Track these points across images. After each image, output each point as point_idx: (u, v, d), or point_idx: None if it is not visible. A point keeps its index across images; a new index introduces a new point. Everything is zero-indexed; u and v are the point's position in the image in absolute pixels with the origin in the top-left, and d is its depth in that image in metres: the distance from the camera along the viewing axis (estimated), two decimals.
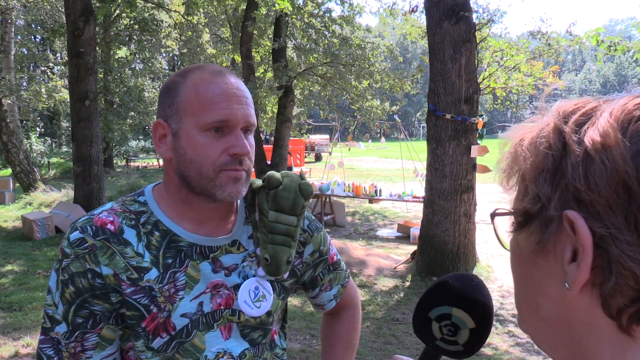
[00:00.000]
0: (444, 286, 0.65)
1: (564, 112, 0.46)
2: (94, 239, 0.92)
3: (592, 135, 0.42)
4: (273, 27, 11.63)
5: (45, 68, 19.27)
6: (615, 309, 0.41)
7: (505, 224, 0.51)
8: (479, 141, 5.94)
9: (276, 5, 8.65)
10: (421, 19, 10.27)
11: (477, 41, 5.97)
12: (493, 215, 0.52)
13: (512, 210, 0.49)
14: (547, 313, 0.47)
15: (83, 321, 0.92)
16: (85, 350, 0.93)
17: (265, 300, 1.02)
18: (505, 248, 0.52)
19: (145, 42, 16.07)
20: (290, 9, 9.15)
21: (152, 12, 15.43)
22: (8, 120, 12.01)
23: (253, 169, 1.01)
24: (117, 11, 14.53)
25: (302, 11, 10.63)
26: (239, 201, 1.07)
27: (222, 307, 0.99)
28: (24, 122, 18.55)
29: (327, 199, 9.58)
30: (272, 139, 14.47)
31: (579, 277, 0.41)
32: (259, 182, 1.08)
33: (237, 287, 1.00)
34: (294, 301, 5.15)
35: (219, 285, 0.99)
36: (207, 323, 0.98)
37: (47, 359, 0.93)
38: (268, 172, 1.07)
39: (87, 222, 0.94)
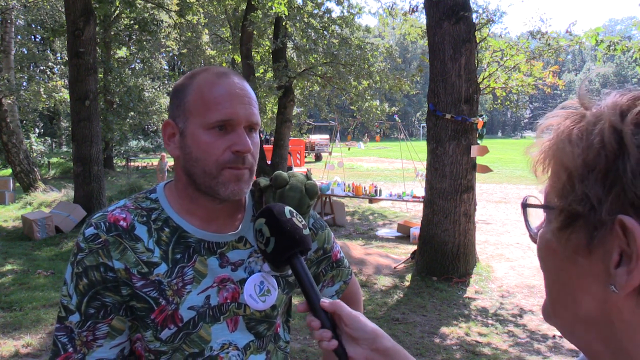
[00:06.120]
0: (269, 211, 0.93)
1: (620, 108, 0.42)
2: (107, 234, 0.97)
3: None
4: (273, 27, 11.63)
5: (45, 68, 19.25)
6: None
7: (539, 215, 0.48)
8: (479, 141, 5.94)
9: (273, 8, 8.66)
10: (421, 19, 10.27)
11: (477, 41, 5.97)
12: (525, 205, 0.49)
13: (551, 206, 0.46)
14: (586, 311, 0.45)
15: (95, 312, 0.96)
16: (97, 339, 0.97)
17: (270, 294, 1.06)
18: (534, 241, 0.50)
19: (145, 42, 16.07)
20: (287, 13, 9.16)
21: (152, 12, 15.44)
22: (8, 120, 12.02)
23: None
24: (117, 11, 14.53)
25: (301, 11, 10.63)
26: (247, 199, 1.11)
27: (228, 301, 1.03)
28: (24, 122, 18.54)
29: (327, 199, 9.59)
30: (272, 139, 14.47)
31: (629, 282, 0.40)
32: (266, 181, 1.11)
33: (243, 282, 1.03)
34: (294, 300, 5.14)
35: (225, 279, 1.02)
36: (213, 315, 1.01)
37: (62, 346, 0.97)
38: (275, 172, 1.11)
39: (101, 218, 0.99)
